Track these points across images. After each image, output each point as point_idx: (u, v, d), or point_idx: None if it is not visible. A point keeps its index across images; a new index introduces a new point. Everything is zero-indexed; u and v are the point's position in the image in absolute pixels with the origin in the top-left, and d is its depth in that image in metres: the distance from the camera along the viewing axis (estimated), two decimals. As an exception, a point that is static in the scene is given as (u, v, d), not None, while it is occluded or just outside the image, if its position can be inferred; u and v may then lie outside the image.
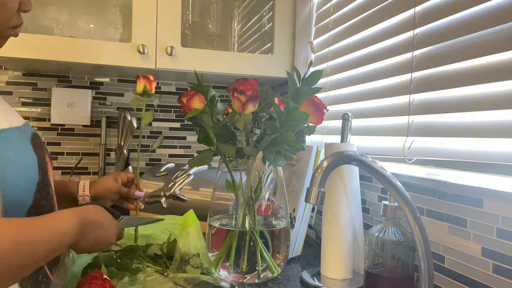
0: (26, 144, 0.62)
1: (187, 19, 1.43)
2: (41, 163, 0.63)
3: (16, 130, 0.63)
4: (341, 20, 1.10)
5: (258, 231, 0.84)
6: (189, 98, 0.81)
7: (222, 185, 0.87)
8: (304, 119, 0.78)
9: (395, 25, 0.87)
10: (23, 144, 0.62)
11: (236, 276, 0.83)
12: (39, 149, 0.65)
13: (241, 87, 0.78)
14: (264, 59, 1.36)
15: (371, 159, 0.69)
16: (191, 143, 1.65)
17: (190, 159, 0.85)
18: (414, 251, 0.74)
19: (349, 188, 0.89)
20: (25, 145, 0.62)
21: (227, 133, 0.82)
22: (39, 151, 0.64)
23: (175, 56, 1.26)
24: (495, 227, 0.64)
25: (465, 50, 0.68)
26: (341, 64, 1.10)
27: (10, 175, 0.56)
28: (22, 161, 0.59)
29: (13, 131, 0.61)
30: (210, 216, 0.91)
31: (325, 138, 1.17)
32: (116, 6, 1.37)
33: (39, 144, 0.67)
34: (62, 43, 1.19)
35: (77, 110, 1.48)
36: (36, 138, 0.67)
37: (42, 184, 0.62)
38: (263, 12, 1.48)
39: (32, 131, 0.68)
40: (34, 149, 0.63)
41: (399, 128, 0.85)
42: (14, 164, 0.57)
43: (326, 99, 1.18)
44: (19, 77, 1.46)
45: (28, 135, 0.65)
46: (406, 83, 0.83)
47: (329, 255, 0.89)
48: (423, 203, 0.79)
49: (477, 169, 0.70)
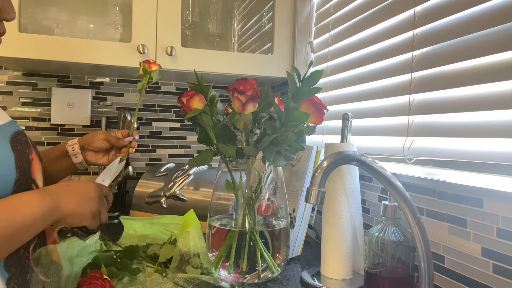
0: (4, 141, 0.61)
1: (187, 19, 1.43)
2: (19, 160, 0.62)
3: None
4: (341, 20, 1.10)
5: (258, 231, 0.84)
6: (189, 98, 0.81)
7: (222, 185, 0.87)
8: (304, 119, 0.78)
9: (395, 25, 0.87)
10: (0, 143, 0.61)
11: (236, 276, 0.83)
12: (21, 146, 0.64)
13: (241, 87, 0.78)
14: (264, 59, 1.36)
15: (371, 159, 0.69)
16: (191, 143, 1.65)
17: (190, 159, 0.85)
18: (414, 251, 0.74)
19: (349, 188, 0.89)
20: (2, 143, 0.61)
21: (227, 133, 0.82)
22: (20, 149, 0.63)
23: (175, 56, 1.26)
24: (495, 227, 0.64)
25: (465, 50, 0.68)
26: (341, 64, 1.10)
27: None
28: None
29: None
30: (210, 216, 0.91)
31: (325, 138, 1.17)
32: (116, 6, 1.37)
33: (22, 142, 0.66)
34: (62, 43, 1.19)
35: (77, 110, 1.48)
36: (19, 136, 0.66)
37: (22, 182, 0.62)
38: (263, 12, 1.48)
39: (16, 129, 0.68)
40: (13, 147, 0.62)
41: (399, 128, 0.85)
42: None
43: (326, 99, 1.18)
44: (19, 77, 1.46)
45: (8, 134, 0.64)
46: (406, 83, 0.83)
47: (329, 255, 0.89)
48: (423, 203, 0.79)
49: (477, 169, 0.70)
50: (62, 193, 0.64)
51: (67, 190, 0.66)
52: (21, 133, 0.68)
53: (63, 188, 0.66)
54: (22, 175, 0.62)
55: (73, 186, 0.68)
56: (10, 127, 0.67)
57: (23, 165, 0.63)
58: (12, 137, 0.64)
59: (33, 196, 0.59)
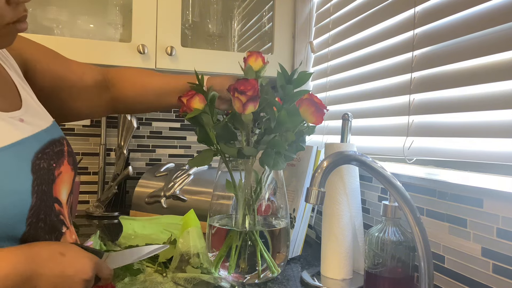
0: (22, 163, 0.56)
1: (187, 19, 1.43)
2: (39, 183, 0.56)
3: (12, 148, 0.55)
4: (341, 20, 1.11)
5: (258, 231, 0.84)
6: (189, 98, 0.81)
7: (222, 185, 0.87)
8: (297, 122, 0.79)
9: (395, 25, 0.87)
10: (16, 165, 0.55)
11: (236, 276, 0.83)
12: (47, 162, 0.59)
13: (241, 87, 0.78)
14: (264, 59, 1.36)
15: (371, 159, 0.69)
16: (191, 143, 1.65)
17: (190, 159, 0.85)
18: (414, 251, 0.74)
19: (349, 188, 0.89)
20: (19, 165, 0.55)
21: (228, 132, 0.82)
22: (44, 167, 0.58)
23: (175, 56, 1.26)
24: (495, 227, 0.64)
25: (465, 50, 0.68)
26: (341, 64, 1.10)
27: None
28: (9, 187, 0.53)
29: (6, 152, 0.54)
30: (210, 216, 0.91)
31: (325, 138, 1.17)
32: (116, 6, 1.37)
33: (52, 154, 0.60)
34: (62, 43, 1.19)
35: (77, 110, 1.48)
36: (51, 146, 0.61)
37: (39, 207, 0.56)
38: (263, 12, 1.48)
39: (51, 138, 0.61)
40: (35, 166, 0.57)
41: (399, 128, 0.85)
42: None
43: (326, 99, 1.18)
44: (19, 77, 1.46)
45: (34, 149, 0.58)
46: (406, 83, 0.83)
47: (329, 255, 0.89)
48: (423, 203, 0.79)
49: (477, 169, 0.70)
50: (47, 264, 0.53)
51: (55, 263, 0.54)
52: (56, 141, 0.62)
53: (53, 256, 0.54)
54: (40, 199, 0.57)
55: (65, 259, 0.55)
56: (41, 138, 0.61)
57: (43, 187, 0.57)
58: (38, 152, 0.58)
59: (17, 258, 0.51)
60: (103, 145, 1.49)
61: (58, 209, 0.62)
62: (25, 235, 0.55)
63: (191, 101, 0.81)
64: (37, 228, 0.57)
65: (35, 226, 0.57)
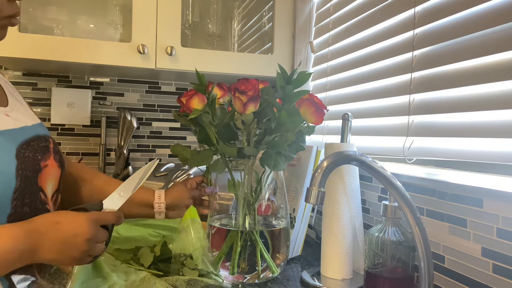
0: (7, 149, 0.59)
1: (187, 19, 1.43)
2: (23, 168, 0.59)
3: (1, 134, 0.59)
4: (341, 20, 1.10)
5: (258, 231, 0.84)
6: (188, 98, 0.81)
7: (222, 185, 0.87)
8: (297, 123, 0.78)
9: (395, 25, 0.87)
10: (3, 149, 0.59)
11: (236, 276, 0.83)
12: (32, 153, 0.62)
13: (242, 87, 0.78)
14: (264, 59, 1.36)
15: (371, 159, 0.69)
16: (191, 143, 1.65)
17: (190, 159, 0.85)
18: (414, 251, 0.74)
19: (349, 188, 0.89)
20: (4, 150, 0.59)
21: (229, 132, 0.82)
22: (29, 156, 0.61)
23: (175, 56, 1.26)
24: (495, 227, 0.64)
25: (465, 50, 0.68)
26: (341, 64, 1.10)
27: None
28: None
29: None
30: (210, 216, 0.91)
31: (325, 138, 1.17)
32: (116, 6, 1.37)
33: (37, 148, 0.64)
34: (62, 43, 1.19)
35: (77, 110, 1.48)
36: (36, 141, 0.64)
37: (23, 190, 0.59)
38: (263, 12, 1.48)
39: (35, 134, 0.65)
40: (19, 153, 0.60)
41: (399, 128, 0.85)
42: None
43: (326, 99, 1.18)
44: (19, 77, 1.46)
45: (19, 139, 0.62)
46: (406, 83, 0.83)
47: (329, 255, 0.89)
48: (423, 203, 0.79)
49: (477, 169, 0.70)
50: (46, 234, 0.56)
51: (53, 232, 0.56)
52: (41, 137, 0.66)
53: (50, 227, 0.57)
54: (24, 183, 0.60)
55: (61, 226, 0.57)
56: (26, 132, 0.64)
57: (27, 173, 0.61)
58: (23, 143, 0.62)
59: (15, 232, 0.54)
60: (103, 145, 1.49)
61: (43, 198, 0.64)
62: (11, 217, 0.57)
63: (190, 101, 0.81)
64: (22, 213, 0.59)
65: (21, 210, 0.59)
